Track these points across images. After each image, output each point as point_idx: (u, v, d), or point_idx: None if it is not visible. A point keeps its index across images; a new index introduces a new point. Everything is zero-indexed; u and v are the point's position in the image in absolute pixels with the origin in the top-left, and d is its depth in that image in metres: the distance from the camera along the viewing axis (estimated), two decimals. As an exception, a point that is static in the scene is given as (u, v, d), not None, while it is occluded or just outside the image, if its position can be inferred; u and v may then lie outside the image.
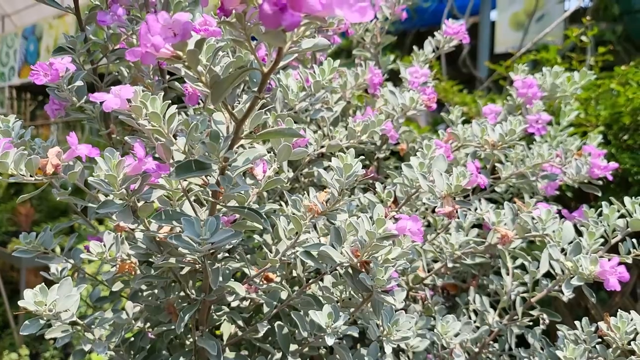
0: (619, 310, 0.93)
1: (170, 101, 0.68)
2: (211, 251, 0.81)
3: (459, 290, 1.43)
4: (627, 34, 3.89)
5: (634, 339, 0.87)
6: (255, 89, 0.61)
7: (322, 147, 1.12)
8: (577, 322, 0.96)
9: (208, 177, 0.73)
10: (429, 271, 1.24)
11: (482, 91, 3.45)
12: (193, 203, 0.82)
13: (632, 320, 0.88)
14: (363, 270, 0.87)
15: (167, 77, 1.09)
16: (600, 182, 1.25)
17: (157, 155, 0.79)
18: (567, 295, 0.94)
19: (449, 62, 4.32)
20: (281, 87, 1.06)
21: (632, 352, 0.88)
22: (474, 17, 4.52)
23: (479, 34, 4.34)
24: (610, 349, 0.91)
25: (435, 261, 1.29)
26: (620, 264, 0.93)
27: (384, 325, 0.87)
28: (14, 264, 3.75)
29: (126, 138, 0.79)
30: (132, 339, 1.04)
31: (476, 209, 1.21)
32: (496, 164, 1.32)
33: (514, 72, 1.41)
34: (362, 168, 1.47)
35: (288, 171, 1.14)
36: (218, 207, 0.80)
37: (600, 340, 0.94)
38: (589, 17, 2.77)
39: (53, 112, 1.00)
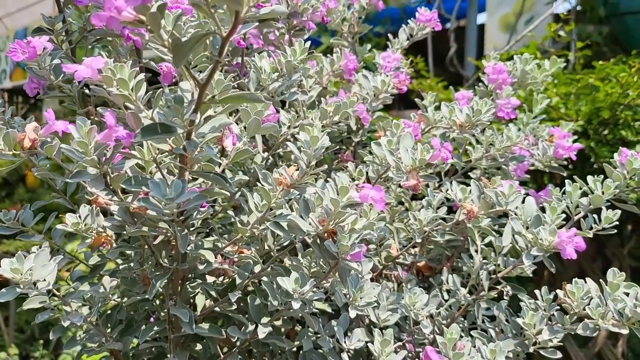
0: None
1: (138, 69, 0.71)
2: (181, 218, 0.84)
3: (434, 272, 1.47)
4: (613, 35, 3.98)
5: (588, 304, 0.91)
6: (216, 54, 0.65)
7: (296, 127, 1.15)
8: (536, 291, 1.00)
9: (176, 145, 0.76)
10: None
11: (468, 88, 3.50)
12: (165, 174, 0.85)
13: (586, 284, 0.92)
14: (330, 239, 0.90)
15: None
16: (565, 163, 1.30)
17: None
18: (527, 266, 0.98)
19: (437, 62, 4.39)
20: (255, 69, 1.10)
21: (588, 317, 0.91)
22: (463, 20, 4.61)
23: (466, 34, 4.43)
24: (568, 315, 0.95)
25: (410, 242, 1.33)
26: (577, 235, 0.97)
27: (349, 292, 0.90)
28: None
29: (98, 109, 0.82)
30: (109, 312, 1.07)
31: (447, 190, 1.25)
32: (467, 147, 1.36)
33: (486, 61, 1.46)
34: (338, 153, 1.50)
35: (264, 152, 1.18)
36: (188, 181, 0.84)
37: (558, 307, 0.98)
38: (575, 18, 2.84)
39: (32, 91, 1.03)
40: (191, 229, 0.94)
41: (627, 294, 0.88)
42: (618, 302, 0.88)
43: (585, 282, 0.94)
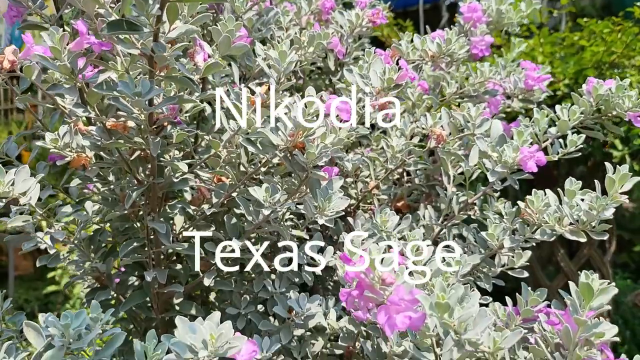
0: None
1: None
2: (154, 127, 0.88)
3: (412, 210, 1.51)
4: (607, 7, 4.00)
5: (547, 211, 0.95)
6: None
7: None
8: (500, 206, 1.04)
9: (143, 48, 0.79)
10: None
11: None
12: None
13: (545, 195, 0.96)
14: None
15: None
16: (540, 98, 1.34)
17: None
18: (492, 181, 1.02)
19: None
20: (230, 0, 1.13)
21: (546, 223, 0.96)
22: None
23: (459, 7, 4.42)
24: (528, 226, 0.99)
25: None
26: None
27: (318, 203, 0.94)
28: (2, 246, 3.77)
29: (71, 21, 0.85)
30: (92, 234, 1.11)
31: (422, 126, 1.29)
32: (442, 84, 1.39)
33: (463, 2, 1.48)
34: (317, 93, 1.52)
35: (240, 83, 1.21)
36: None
37: (521, 220, 1.02)
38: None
39: (11, 19, 1.06)
40: (167, 145, 0.98)
41: (583, 200, 0.92)
42: (574, 208, 0.92)
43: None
